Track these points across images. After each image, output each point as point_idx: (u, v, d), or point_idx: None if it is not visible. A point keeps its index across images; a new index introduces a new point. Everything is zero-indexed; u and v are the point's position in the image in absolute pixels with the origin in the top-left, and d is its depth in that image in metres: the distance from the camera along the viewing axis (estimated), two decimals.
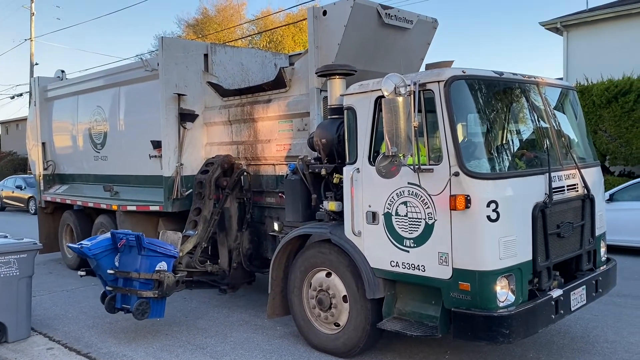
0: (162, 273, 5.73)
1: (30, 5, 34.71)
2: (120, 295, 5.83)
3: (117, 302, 5.84)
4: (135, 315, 5.64)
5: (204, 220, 6.60)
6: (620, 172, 14.56)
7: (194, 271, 6.44)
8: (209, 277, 6.65)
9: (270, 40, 33.46)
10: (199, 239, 6.54)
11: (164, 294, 5.76)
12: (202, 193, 6.70)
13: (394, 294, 4.85)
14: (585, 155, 5.60)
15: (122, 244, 5.73)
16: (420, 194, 4.42)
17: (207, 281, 6.65)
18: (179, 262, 6.25)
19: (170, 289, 5.82)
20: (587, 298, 4.95)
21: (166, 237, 6.64)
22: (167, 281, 5.75)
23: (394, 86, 4.15)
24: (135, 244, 5.67)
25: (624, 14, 16.32)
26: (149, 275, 5.68)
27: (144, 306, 5.68)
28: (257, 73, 7.97)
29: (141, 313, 5.67)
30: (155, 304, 5.80)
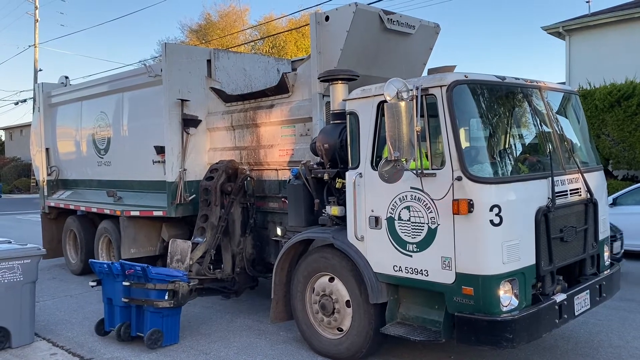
0: (177, 283, 5.75)
1: (34, 12, 34.99)
2: (135, 323, 5.85)
3: (133, 330, 5.88)
4: (148, 345, 5.63)
5: (211, 227, 6.63)
6: (624, 176, 14.53)
7: (205, 278, 6.48)
8: (218, 283, 6.67)
9: (273, 46, 33.57)
10: (208, 245, 6.58)
11: (179, 303, 5.77)
12: (208, 200, 6.73)
13: (397, 298, 4.85)
14: (587, 159, 5.60)
15: (129, 272, 5.77)
16: (423, 199, 4.43)
17: (217, 288, 6.67)
18: (190, 269, 6.28)
19: (185, 298, 5.83)
20: (591, 303, 4.94)
21: (176, 245, 6.66)
22: (181, 290, 5.76)
23: (397, 91, 4.16)
24: (141, 275, 5.70)
25: (626, 18, 16.34)
26: (164, 286, 5.69)
27: (156, 335, 5.69)
28: (259, 78, 8.00)
29: (154, 342, 5.66)
30: (169, 329, 5.81)
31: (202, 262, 6.51)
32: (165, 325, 5.78)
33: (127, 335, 5.86)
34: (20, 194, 36.42)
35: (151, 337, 5.66)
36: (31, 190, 34.17)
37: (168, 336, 5.80)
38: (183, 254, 6.51)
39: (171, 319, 5.84)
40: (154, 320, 5.73)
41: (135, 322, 5.86)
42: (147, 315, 5.74)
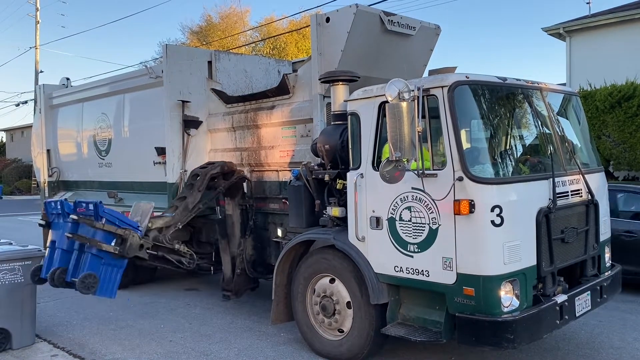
0: (128, 231, 5.35)
1: (35, 13, 35.02)
2: (72, 268, 5.33)
3: (68, 275, 5.36)
4: (79, 289, 5.11)
5: (184, 207, 6.41)
6: (625, 177, 14.51)
7: (161, 246, 6.11)
8: (175, 256, 6.31)
9: (273, 47, 33.59)
10: (173, 221, 6.28)
11: (124, 253, 5.33)
12: (194, 184, 6.58)
13: (398, 299, 4.84)
14: (588, 160, 5.60)
15: (81, 211, 5.35)
16: (424, 199, 4.43)
17: (173, 260, 6.30)
18: (146, 233, 5.90)
19: (133, 250, 5.39)
20: (592, 304, 4.94)
21: (138, 206, 6.26)
22: (131, 240, 5.34)
23: (398, 91, 4.16)
24: (92, 213, 5.26)
25: (626, 19, 16.33)
26: (114, 229, 5.26)
27: (90, 279, 5.13)
28: (260, 80, 8.01)
29: (86, 287, 5.11)
30: (106, 279, 5.28)
31: (162, 232, 6.16)
32: (103, 274, 5.27)
33: (61, 281, 5.37)
34: (21, 195, 36.43)
35: (84, 280, 5.11)
36: (32, 192, 34.18)
37: (104, 287, 5.27)
38: (143, 215, 6.05)
39: (111, 270, 5.36)
40: (93, 265, 5.24)
41: (74, 268, 5.36)
42: (87, 257, 5.26)
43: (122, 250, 5.35)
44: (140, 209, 6.12)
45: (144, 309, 7.39)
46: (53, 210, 5.67)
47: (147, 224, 5.99)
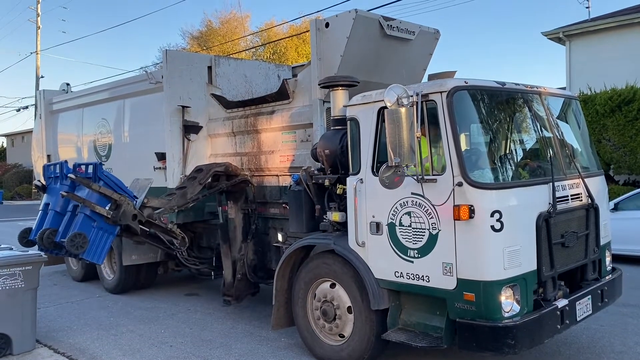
0: (124, 197, 5.25)
1: (36, 19, 35.14)
2: (63, 230, 5.19)
3: (58, 236, 5.23)
4: (68, 248, 4.99)
5: (182, 195, 6.32)
6: (625, 181, 14.51)
7: (153, 223, 6.02)
8: (167, 237, 6.22)
9: (273, 52, 33.66)
10: (169, 205, 6.18)
11: (117, 219, 5.22)
12: (196, 177, 6.52)
13: (398, 304, 4.84)
14: (588, 164, 5.60)
15: (80, 171, 5.28)
16: (423, 204, 4.43)
17: (164, 240, 6.21)
18: (141, 208, 5.85)
19: (126, 218, 5.28)
20: (593, 308, 4.93)
21: (137, 182, 6.17)
22: (125, 207, 5.22)
23: (397, 97, 4.17)
24: (91, 175, 5.18)
25: (626, 23, 16.38)
26: (110, 192, 5.16)
27: (80, 239, 5.00)
28: (260, 85, 8.02)
29: (75, 246, 4.98)
30: (95, 243, 5.16)
31: (157, 212, 6.06)
32: (94, 237, 5.16)
33: (50, 241, 5.25)
34: (21, 200, 36.44)
35: (74, 240, 4.97)
36: (32, 197, 34.18)
37: (92, 250, 5.15)
38: (141, 190, 5.95)
39: (102, 235, 5.24)
40: (85, 227, 5.13)
41: (64, 230, 5.23)
42: (79, 219, 5.13)
43: (115, 215, 5.22)
44: (139, 184, 6.01)
45: (144, 314, 7.39)
46: (51, 173, 5.53)
47: (143, 199, 5.86)
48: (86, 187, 5.19)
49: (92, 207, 5.13)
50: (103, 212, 5.16)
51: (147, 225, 5.89)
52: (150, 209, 6.01)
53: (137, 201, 5.62)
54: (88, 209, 5.14)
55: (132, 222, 5.50)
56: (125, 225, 5.58)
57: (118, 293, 8.51)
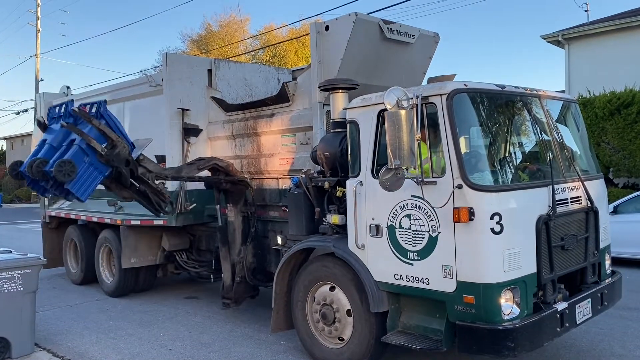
0: (122, 140, 5.14)
1: (35, 22, 35.18)
2: (54, 161, 5.00)
3: (47, 166, 5.03)
4: (55, 174, 4.80)
5: (177, 170, 6.27)
6: (624, 184, 14.52)
7: (146, 182, 5.86)
8: (156, 198, 6.08)
9: (273, 55, 33.71)
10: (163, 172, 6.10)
11: (111, 158, 5.11)
12: (194, 163, 6.46)
13: (398, 307, 4.83)
14: (588, 167, 5.60)
15: (83, 109, 5.17)
16: (423, 207, 4.43)
17: (152, 200, 6.08)
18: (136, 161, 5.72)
19: (119, 159, 5.18)
20: (593, 311, 4.92)
21: (136, 142, 5.99)
22: (121, 148, 5.12)
23: (397, 100, 4.18)
24: (94, 113, 5.09)
25: (625, 26, 16.41)
26: (109, 132, 5.05)
27: (68, 167, 4.80)
28: (260, 88, 8.03)
29: (62, 174, 4.78)
30: (83, 177, 5.01)
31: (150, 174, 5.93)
32: (83, 171, 5.01)
33: (39, 171, 5.05)
34: (20, 203, 36.44)
35: (62, 166, 4.78)
36: (32, 200, 34.20)
37: (79, 184, 4.97)
38: (139, 147, 5.81)
39: (92, 172, 5.11)
40: (77, 158, 4.98)
41: (55, 161, 5.03)
42: (73, 150, 5.01)
43: (109, 154, 5.11)
44: (138, 143, 5.91)
45: (143, 317, 7.37)
46: (55, 114, 5.46)
47: (139, 154, 5.76)
48: (87, 122, 5.08)
49: (89, 140, 5.00)
50: (98, 147, 5.03)
51: (138, 181, 5.77)
52: (144, 169, 5.86)
53: (134, 151, 5.50)
54: (84, 143, 5.00)
55: (124, 168, 5.35)
56: (116, 172, 5.41)
57: (117, 296, 8.50)
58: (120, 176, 5.56)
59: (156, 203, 6.13)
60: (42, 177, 5.11)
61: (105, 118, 5.24)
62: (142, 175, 5.77)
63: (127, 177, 5.56)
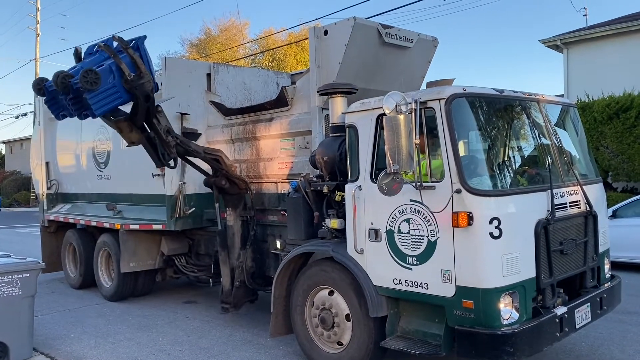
0: (149, 76, 5.28)
1: (35, 26, 35.26)
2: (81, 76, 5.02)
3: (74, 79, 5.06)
4: (80, 80, 4.88)
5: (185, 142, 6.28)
6: (623, 188, 14.53)
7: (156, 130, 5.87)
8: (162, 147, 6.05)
9: (272, 59, 33.79)
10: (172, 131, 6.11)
11: (134, 85, 5.20)
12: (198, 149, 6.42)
13: (397, 312, 4.82)
14: (587, 171, 5.61)
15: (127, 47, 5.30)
16: (422, 211, 4.43)
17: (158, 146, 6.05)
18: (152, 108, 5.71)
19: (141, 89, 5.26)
20: (592, 315, 4.92)
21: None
22: (146, 81, 5.23)
23: (395, 104, 4.18)
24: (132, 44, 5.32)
25: (623, 31, 16.47)
26: (141, 63, 5.21)
27: (93, 76, 4.90)
28: (259, 92, 8.04)
29: (88, 82, 4.87)
30: (104, 93, 5.08)
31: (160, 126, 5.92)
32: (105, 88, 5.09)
33: (63, 82, 5.07)
34: (19, 207, 36.40)
35: (88, 74, 4.88)
36: (31, 204, 34.16)
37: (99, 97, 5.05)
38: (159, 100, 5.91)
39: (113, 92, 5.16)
40: (104, 74, 5.08)
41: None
42: (101, 66, 5.13)
43: (135, 82, 5.22)
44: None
45: (142, 321, 7.36)
46: (92, 50, 5.56)
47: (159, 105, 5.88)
48: (123, 49, 5.25)
49: (119, 62, 5.14)
50: (126, 72, 5.15)
51: (150, 128, 5.87)
52: (158, 120, 5.88)
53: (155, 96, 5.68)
54: (115, 65, 5.15)
55: (143, 103, 5.44)
56: (134, 104, 5.52)
57: (116, 300, 8.48)
58: (136, 113, 5.61)
59: (162, 154, 6.15)
60: (63, 89, 5.15)
61: (141, 52, 5.35)
62: (155, 123, 5.81)
63: (143, 115, 5.60)
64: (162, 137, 5.92)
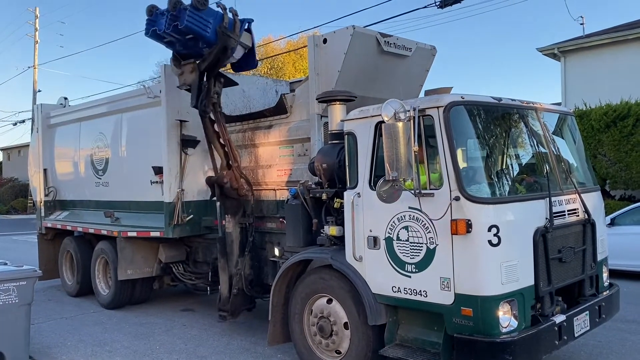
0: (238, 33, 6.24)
1: (34, 34, 35.32)
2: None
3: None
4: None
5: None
6: (621, 196, 14.56)
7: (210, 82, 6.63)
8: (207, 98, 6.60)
9: (271, 67, 33.86)
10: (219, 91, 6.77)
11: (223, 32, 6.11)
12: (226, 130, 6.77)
13: (396, 320, 4.81)
14: (585, 179, 5.62)
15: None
16: (421, 219, 4.42)
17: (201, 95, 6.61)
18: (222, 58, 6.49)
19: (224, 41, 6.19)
20: (591, 324, 4.91)
21: None
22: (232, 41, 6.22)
23: (394, 112, 4.19)
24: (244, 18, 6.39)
25: (620, 40, 16.57)
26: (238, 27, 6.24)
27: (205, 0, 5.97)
28: (258, 99, 8.04)
29: (200, 2, 5.92)
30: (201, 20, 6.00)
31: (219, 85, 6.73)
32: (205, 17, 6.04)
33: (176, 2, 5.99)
34: (16, 214, 36.25)
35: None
36: (28, 211, 34.02)
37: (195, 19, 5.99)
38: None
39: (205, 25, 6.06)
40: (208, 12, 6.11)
41: None
42: None
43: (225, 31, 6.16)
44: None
45: (139, 329, 7.32)
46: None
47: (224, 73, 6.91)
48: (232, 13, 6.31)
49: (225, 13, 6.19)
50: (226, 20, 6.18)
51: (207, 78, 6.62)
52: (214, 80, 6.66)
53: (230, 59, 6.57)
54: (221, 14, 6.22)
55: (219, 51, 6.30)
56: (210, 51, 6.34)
57: (113, 308, 8.44)
58: (205, 59, 6.34)
59: (201, 101, 6.61)
60: (174, 5, 6.01)
61: (242, 24, 6.31)
62: (212, 80, 6.55)
63: (210, 62, 6.36)
64: (211, 91, 6.59)
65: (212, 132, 6.70)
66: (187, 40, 6.28)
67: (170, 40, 6.38)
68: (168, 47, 6.62)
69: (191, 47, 6.42)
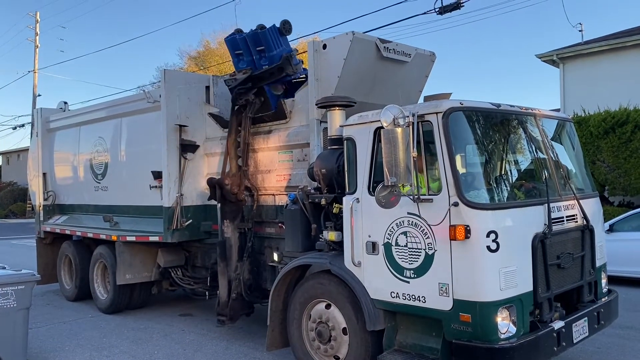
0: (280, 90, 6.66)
1: (34, 38, 35.39)
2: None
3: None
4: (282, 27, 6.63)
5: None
6: (620, 203, 14.57)
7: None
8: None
9: None
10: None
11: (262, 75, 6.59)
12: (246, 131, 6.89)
13: (394, 325, 4.80)
14: (583, 185, 5.63)
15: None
16: (420, 224, 4.43)
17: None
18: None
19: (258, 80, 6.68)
20: (589, 330, 4.90)
21: None
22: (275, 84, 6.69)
23: (393, 117, 4.21)
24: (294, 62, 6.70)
25: (619, 46, 16.63)
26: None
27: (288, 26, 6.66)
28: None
29: (287, 29, 6.66)
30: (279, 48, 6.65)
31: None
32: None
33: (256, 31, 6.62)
34: (15, 218, 36.20)
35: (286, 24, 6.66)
36: (27, 215, 33.97)
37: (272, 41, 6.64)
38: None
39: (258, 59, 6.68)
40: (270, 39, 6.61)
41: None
42: None
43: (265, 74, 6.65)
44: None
45: (137, 334, 7.30)
46: None
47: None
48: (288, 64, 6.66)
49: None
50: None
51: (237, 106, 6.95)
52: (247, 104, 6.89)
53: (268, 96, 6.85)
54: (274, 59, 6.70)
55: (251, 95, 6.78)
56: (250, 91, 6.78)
57: (111, 313, 8.43)
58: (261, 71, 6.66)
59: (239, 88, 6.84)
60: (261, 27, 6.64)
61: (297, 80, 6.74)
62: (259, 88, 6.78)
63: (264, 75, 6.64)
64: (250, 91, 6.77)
65: (235, 127, 6.85)
66: (256, 51, 6.68)
67: (241, 53, 6.86)
68: (235, 58, 7.02)
69: (254, 62, 6.77)
